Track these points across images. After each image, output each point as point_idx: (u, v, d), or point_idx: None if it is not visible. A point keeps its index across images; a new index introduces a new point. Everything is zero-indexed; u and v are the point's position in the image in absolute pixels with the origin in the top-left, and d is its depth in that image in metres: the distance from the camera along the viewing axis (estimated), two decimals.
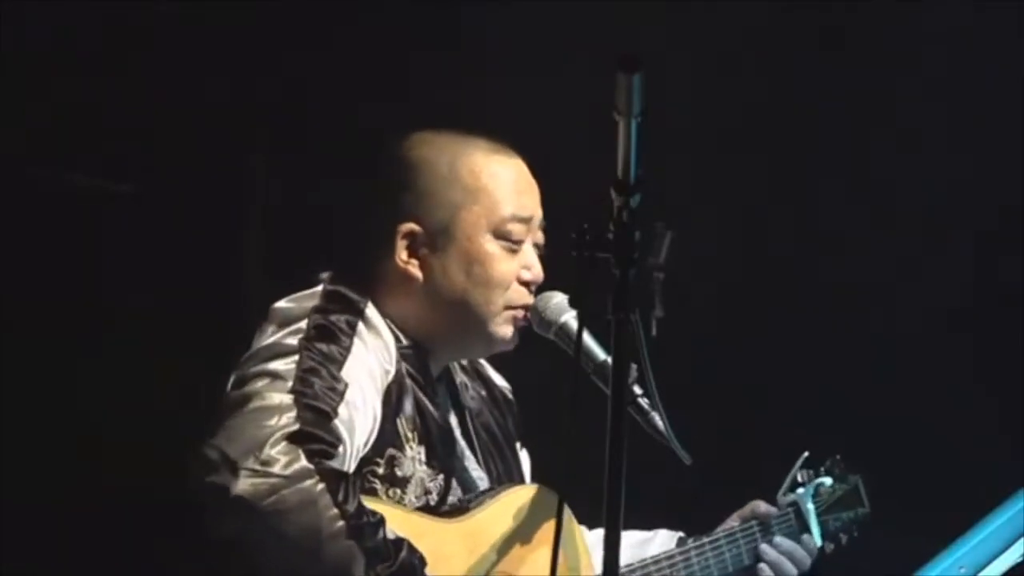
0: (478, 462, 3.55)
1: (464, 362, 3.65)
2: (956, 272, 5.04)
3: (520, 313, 3.46)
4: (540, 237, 3.50)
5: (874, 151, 5.09)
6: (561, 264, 2.99)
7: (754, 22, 5.01)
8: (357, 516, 3.10)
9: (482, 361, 3.70)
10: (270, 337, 3.27)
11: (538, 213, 3.49)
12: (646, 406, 3.35)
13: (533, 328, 3.51)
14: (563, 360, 3.38)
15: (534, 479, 3.71)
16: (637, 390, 3.33)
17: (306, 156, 4.95)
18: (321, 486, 3.07)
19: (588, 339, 3.35)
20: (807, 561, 3.78)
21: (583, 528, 3.67)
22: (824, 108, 5.06)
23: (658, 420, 3.32)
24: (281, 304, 3.34)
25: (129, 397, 4.68)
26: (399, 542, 3.16)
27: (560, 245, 3.37)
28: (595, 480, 2.73)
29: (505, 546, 3.37)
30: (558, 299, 3.47)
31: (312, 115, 4.96)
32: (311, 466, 3.07)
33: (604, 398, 2.74)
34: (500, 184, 3.45)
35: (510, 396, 3.73)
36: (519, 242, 3.45)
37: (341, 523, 3.08)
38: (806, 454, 3.86)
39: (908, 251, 5.09)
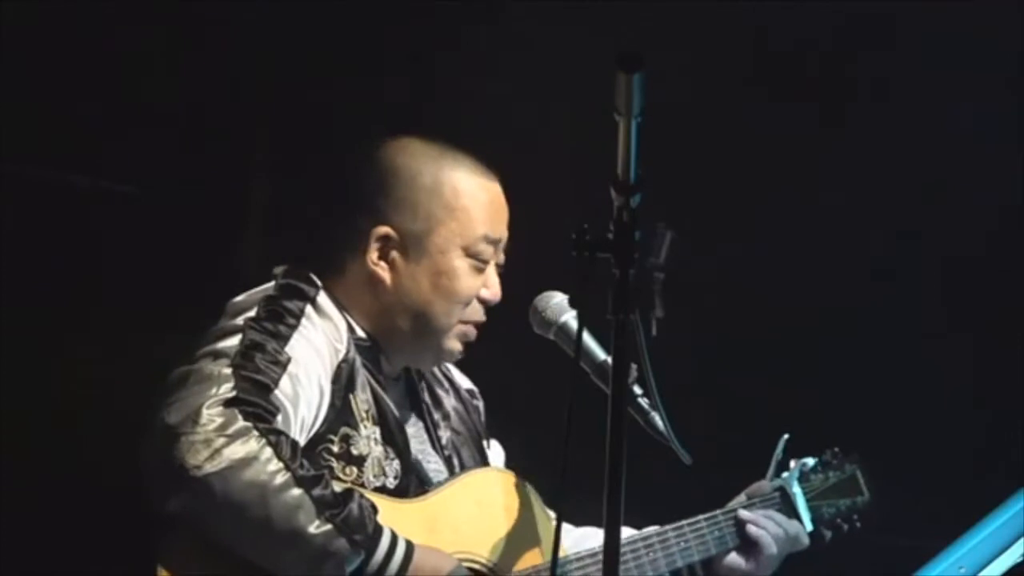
0: (439, 456, 3.57)
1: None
2: (957, 272, 5.04)
3: (472, 329, 3.54)
4: (502, 258, 3.57)
5: (873, 151, 5.10)
6: (561, 264, 2.99)
7: (754, 22, 5.01)
8: (302, 468, 3.14)
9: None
10: (220, 323, 3.35)
11: (505, 235, 3.56)
12: (646, 406, 3.36)
13: (533, 328, 3.53)
14: (563, 360, 3.39)
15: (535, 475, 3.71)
16: (637, 390, 3.34)
17: (306, 156, 4.95)
18: (262, 441, 3.11)
19: (588, 339, 3.36)
20: (787, 530, 3.74)
21: (568, 527, 3.67)
22: (824, 107, 5.06)
23: (658, 420, 3.33)
24: (236, 299, 3.43)
25: (129, 397, 4.67)
26: (348, 491, 3.19)
27: (561, 245, 3.38)
28: (595, 480, 2.73)
29: (466, 528, 3.40)
30: (558, 299, 3.50)
31: (312, 115, 4.95)
32: (249, 424, 3.12)
33: (604, 398, 2.74)
34: (478, 205, 3.52)
35: (476, 396, 3.78)
36: (486, 262, 3.53)
37: (287, 475, 3.11)
38: (786, 436, 3.85)
39: (908, 251, 5.09)
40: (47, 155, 4.74)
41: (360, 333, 3.47)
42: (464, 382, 3.77)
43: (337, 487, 3.18)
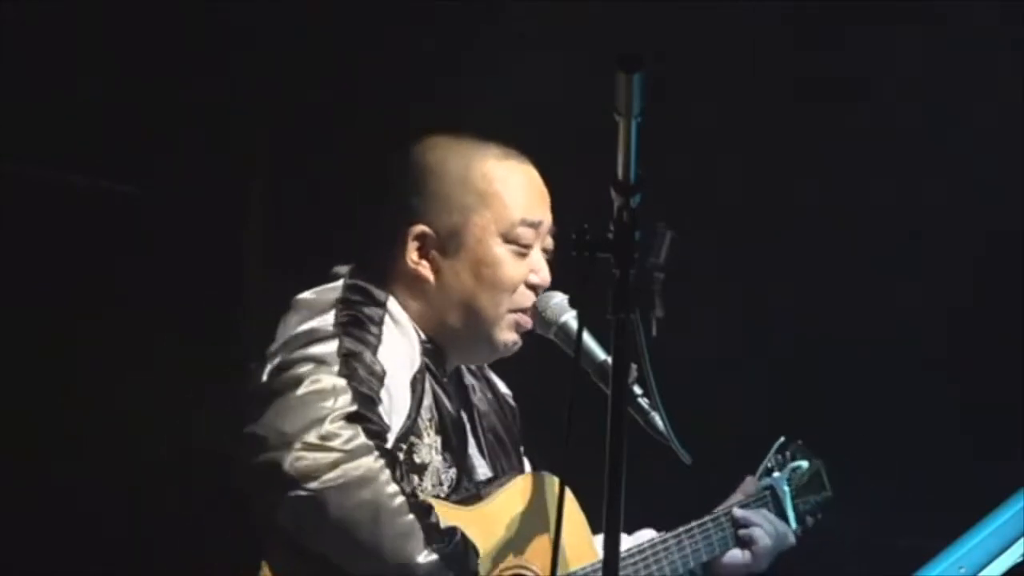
0: (484, 459, 3.57)
1: (472, 365, 3.68)
2: (956, 273, 5.04)
3: (524, 317, 3.50)
4: (549, 243, 3.53)
5: (874, 151, 5.10)
6: (562, 264, 2.99)
7: (754, 22, 5.01)
8: (413, 495, 3.15)
9: (486, 367, 3.73)
10: (303, 324, 3.29)
11: (548, 218, 3.53)
12: (646, 406, 3.36)
13: (534, 328, 3.52)
14: (563, 360, 3.39)
15: None
16: (637, 390, 3.34)
17: (307, 157, 4.95)
18: (381, 462, 3.11)
19: (588, 339, 3.36)
20: (777, 528, 3.76)
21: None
22: (824, 107, 5.07)
23: (658, 420, 3.33)
24: (304, 295, 3.38)
25: (130, 397, 4.68)
26: (453, 528, 3.19)
27: (561, 244, 3.39)
28: (595, 481, 2.73)
29: (520, 533, 3.39)
30: (558, 299, 3.49)
31: (313, 115, 4.96)
32: (371, 443, 3.11)
33: (604, 398, 2.74)
34: (511, 189, 3.49)
35: (512, 402, 3.75)
36: (528, 247, 3.49)
37: (401, 499, 3.11)
38: (782, 439, 3.86)
39: (908, 250, 5.09)
40: (47, 155, 4.74)
41: (423, 336, 3.44)
42: (502, 386, 3.75)
43: (441, 521, 3.17)
